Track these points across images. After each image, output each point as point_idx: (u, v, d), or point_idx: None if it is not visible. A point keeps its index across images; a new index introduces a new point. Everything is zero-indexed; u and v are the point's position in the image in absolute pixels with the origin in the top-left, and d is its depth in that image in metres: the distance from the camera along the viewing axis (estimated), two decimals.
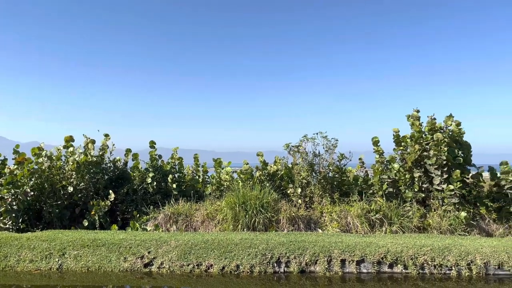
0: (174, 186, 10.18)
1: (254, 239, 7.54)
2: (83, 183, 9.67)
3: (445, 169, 9.10)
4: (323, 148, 10.12)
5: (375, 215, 8.82)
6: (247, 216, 8.73)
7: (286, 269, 6.89)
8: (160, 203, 9.67)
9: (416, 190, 9.37)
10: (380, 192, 9.47)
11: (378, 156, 10.01)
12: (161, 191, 10.22)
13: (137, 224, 9.15)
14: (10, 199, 8.81)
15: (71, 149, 10.08)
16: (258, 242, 7.33)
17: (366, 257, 6.92)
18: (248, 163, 10.50)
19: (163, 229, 9.06)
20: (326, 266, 6.85)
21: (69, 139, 10.19)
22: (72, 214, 9.55)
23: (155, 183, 10.18)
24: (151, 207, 9.62)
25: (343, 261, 6.92)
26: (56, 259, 7.14)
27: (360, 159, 10.65)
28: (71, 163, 9.67)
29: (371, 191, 9.70)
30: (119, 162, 10.85)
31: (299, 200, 9.65)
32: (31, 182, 9.23)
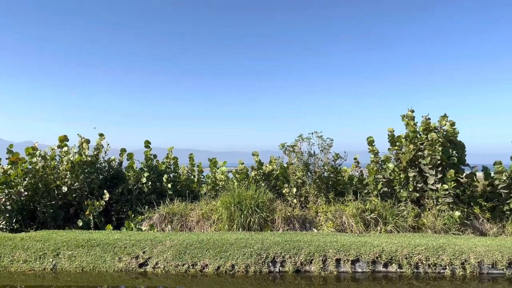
0: (169, 186, 10.16)
1: (249, 238, 7.55)
2: (77, 183, 9.62)
3: (439, 168, 9.14)
4: (318, 148, 10.17)
5: (370, 215, 8.85)
6: (242, 216, 8.73)
7: (281, 268, 6.89)
8: (155, 203, 9.64)
9: (410, 189, 9.42)
10: (375, 192, 9.50)
11: (373, 156, 10.05)
12: (156, 191, 10.19)
13: (132, 224, 9.12)
14: (3, 199, 8.76)
15: (65, 148, 10.02)
16: (253, 241, 7.34)
17: (361, 256, 6.94)
18: (243, 163, 10.50)
19: (158, 229, 9.04)
20: (321, 266, 6.86)
21: (63, 139, 10.14)
22: (67, 214, 9.50)
23: (150, 183, 10.16)
24: (146, 207, 9.59)
25: (338, 260, 6.94)
26: (50, 260, 7.10)
27: (355, 159, 10.68)
28: (66, 163, 9.62)
29: (366, 191, 9.73)
30: (114, 162, 10.80)
31: (294, 200, 9.67)
32: (25, 182, 9.19)
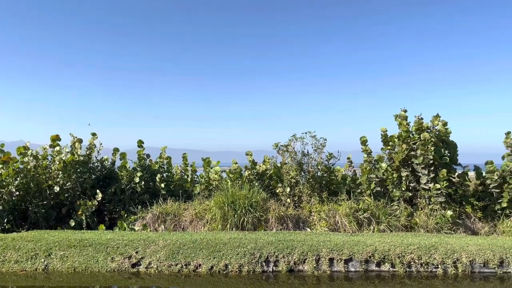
0: (163, 185, 10.12)
1: (243, 238, 7.54)
2: (69, 183, 9.55)
3: (432, 168, 9.21)
4: (312, 147, 10.20)
5: (363, 214, 8.89)
6: (236, 215, 8.72)
7: (274, 268, 6.89)
8: (148, 203, 9.60)
9: (403, 189, 9.47)
10: (368, 191, 9.55)
11: (366, 156, 10.10)
12: (149, 191, 10.15)
13: (124, 224, 9.08)
14: None
15: (57, 148, 9.94)
16: (247, 241, 7.33)
17: (354, 255, 6.97)
18: (237, 163, 10.49)
19: (151, 229, 9.00)
20: (315, 265, 6.87)
21: (55, 138, 10.06)
22: (59, 214, 9.42)
23: (143, 182, 10.11)
24: (139, 206, 9.54)
25: (331, 260, 6.95)
26: (42, 260, 7.03)
27: (348, 158, 10.72)
28: (58, 163, 9.54)
29: (359, 190, 9.77)
30: (106, 162, 10.74)
31: (288, 200, 9.68)
32: (17, 182, 9.10)
